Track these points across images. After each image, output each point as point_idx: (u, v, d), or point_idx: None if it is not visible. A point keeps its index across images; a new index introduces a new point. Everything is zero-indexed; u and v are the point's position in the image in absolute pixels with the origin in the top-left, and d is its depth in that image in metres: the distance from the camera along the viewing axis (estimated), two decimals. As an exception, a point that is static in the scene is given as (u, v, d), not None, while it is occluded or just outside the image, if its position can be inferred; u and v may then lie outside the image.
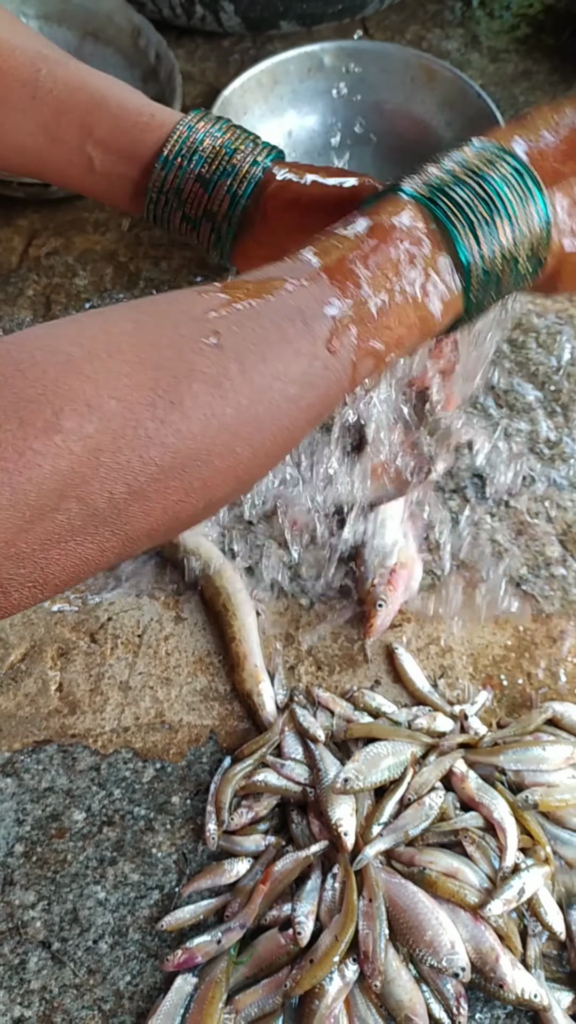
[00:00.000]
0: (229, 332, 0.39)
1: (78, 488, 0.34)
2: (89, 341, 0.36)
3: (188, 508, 0.38)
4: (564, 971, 0.61)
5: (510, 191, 0.44)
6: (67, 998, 0.59)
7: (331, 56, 0.98)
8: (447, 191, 0.44)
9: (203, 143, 0.55)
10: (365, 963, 0.58)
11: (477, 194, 0.44)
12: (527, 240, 0.45)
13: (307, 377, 0.41)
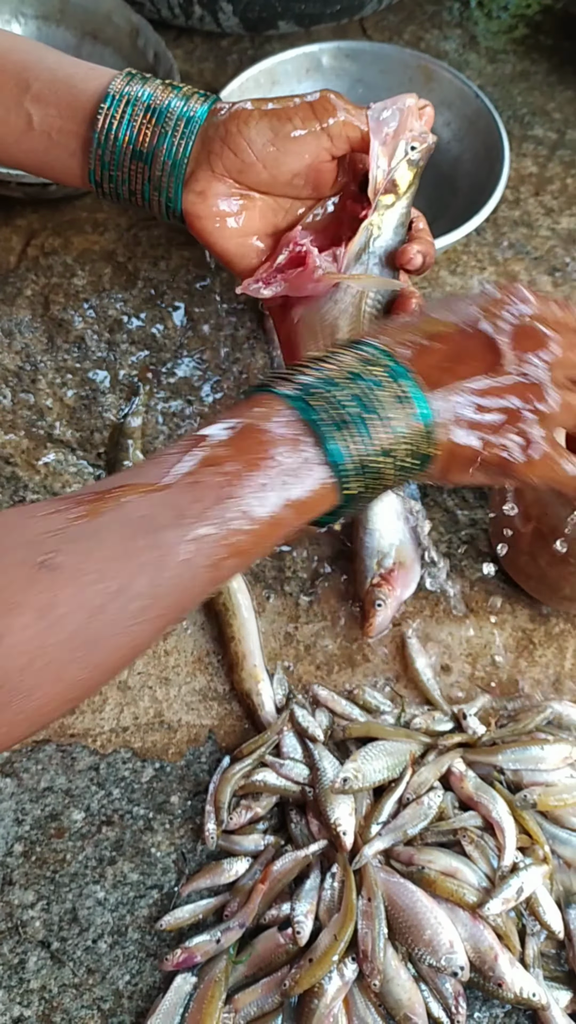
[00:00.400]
0: (65, 553, 0.37)
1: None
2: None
3: (9, 738, 0.37)
4: (562, 970, 0.62)
5: (385, 392, 0.43)
6: (66, 997, 0.59)
7: (329, 56, 0.98)
8: (320, 392, 0.43)
9: (146, 84, 0.55)
10: (364, 962, 0.58)
11: (352, 395, 0.43)
12: (405, 439, 0.44)
13: (153, 590, 0.38)
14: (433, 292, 0.92)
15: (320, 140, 0.54)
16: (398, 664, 0.72)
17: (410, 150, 0.55)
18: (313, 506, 0.43)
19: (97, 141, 0.55)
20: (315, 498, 0.42)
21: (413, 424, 0.44)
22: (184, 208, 0.56)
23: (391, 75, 0.98)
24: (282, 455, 0.41)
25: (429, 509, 0.80)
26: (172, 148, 0.54)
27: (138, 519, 0.39)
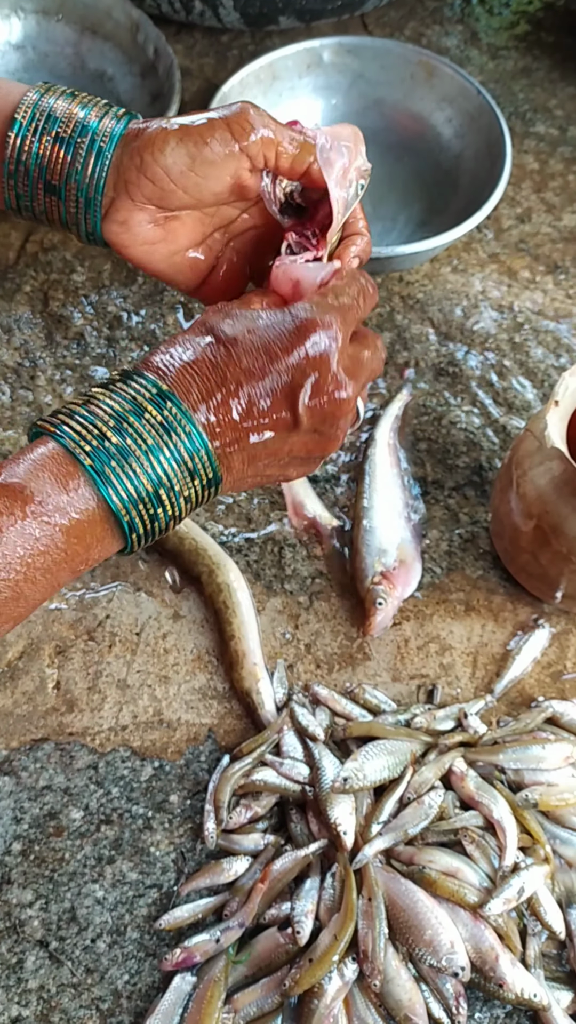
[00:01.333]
0: None
1: None
2: None
3: None
4: (563, 970, 0.61)
5: (150, 425, 0.44)
6: (65, 997, 0.58)
7: (330, 52, 0.97)
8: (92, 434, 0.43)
9: (55, 106, 0.52)
10: (364, 962, 0.58)
11: (119, 432, 0.43)
12: (183, 464, 0.44)
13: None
14: (435, 290, 0.92)
15: (239, 161, 0.51)
16: (398, 663, 0.72)
17: (360, 189, 0.53)
18: (91, 548, 0.44)
19: (7, 173, 0.53)
20: (89, 544, 0.43)
21: (190, 449, 0.45)
22: (108, 239, 0.54)
23: (392, 71, 0.98)
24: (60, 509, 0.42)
25: (429, 507, 0.79)
26: (84, 184, 0.52)
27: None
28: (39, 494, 0.42)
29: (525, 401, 0.86)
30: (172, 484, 0.44)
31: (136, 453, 0.43)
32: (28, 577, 0.42)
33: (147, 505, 0.44)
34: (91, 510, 0.43)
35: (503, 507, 0.73)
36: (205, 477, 0.46)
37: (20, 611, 0.43)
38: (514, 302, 0.92)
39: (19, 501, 0.41)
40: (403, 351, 0.87)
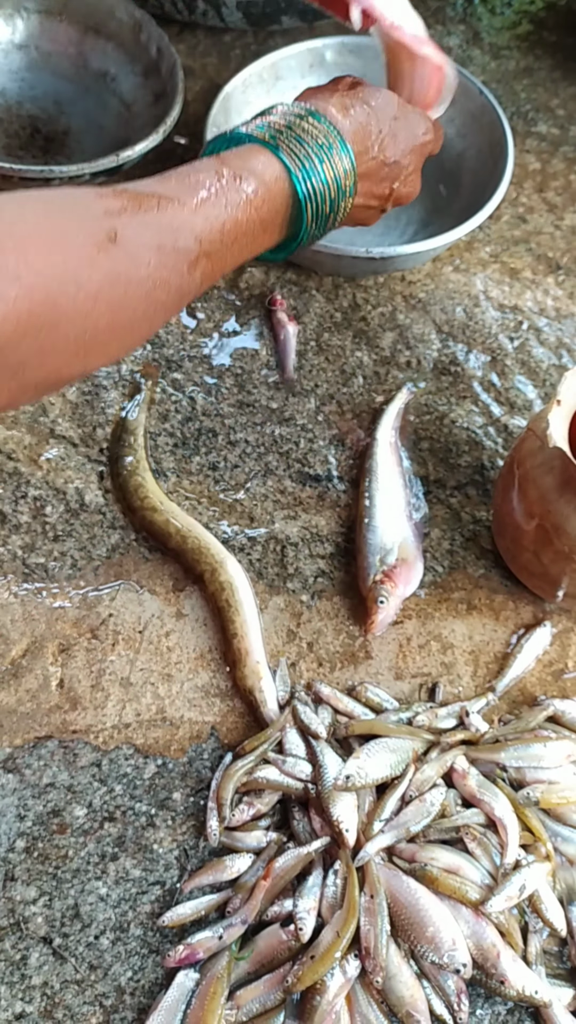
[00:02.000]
0: (123, 233, 0.48)
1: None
2: (8, 226, 0.44)
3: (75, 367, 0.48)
4: (565, 967, 0.62)
5: (326, 141, 0.59)
6: (68, 994, 0.59)
7: (333, 52, 0.98)
8: (284, 140, 0.58)
9: None
10: (366, 959, 0.58)
11: (304, 142, 0.58)
12: (341, 175, 0.60)
13: (174, 285, 0.51)
14: (437, 290, 0.92)
15: None
16: (400, 661, 0.72)
17: None
18: (280, 227, 0.58)
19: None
20: (280, 222, 0.58)
21: (346, 166, 0.60)
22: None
23: (395, 71, 0.98)
24: (261, 191, 0.56)
25: (431, 506, 0.79)
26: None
27: (166, 226, 0.51)
28: (241, 166, 0.56)
29: (527, 400, 0.86)
30: (335, 180, 0.60)
31: (319, 157, 0.59)
32: (230, 237, 0.54)
33: (320, 194, 0.59)
34: (281, 186, 0.57)
35: (505, 506, 0.73)
36: (346, 200, 0.61)
37: (218, 267, 0.55)
38: (516, 302, 0.92)
39: (226, 167, 0.55)
40: (405, 350, 0.88)
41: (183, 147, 0.99)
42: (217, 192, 0.53)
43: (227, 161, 0.55)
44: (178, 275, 0.51)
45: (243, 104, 0.94)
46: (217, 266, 0.54)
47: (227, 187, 0.54)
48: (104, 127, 0.97)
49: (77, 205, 0.49)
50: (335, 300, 0.90)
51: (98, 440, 0.80)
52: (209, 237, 0.52)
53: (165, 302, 0.51)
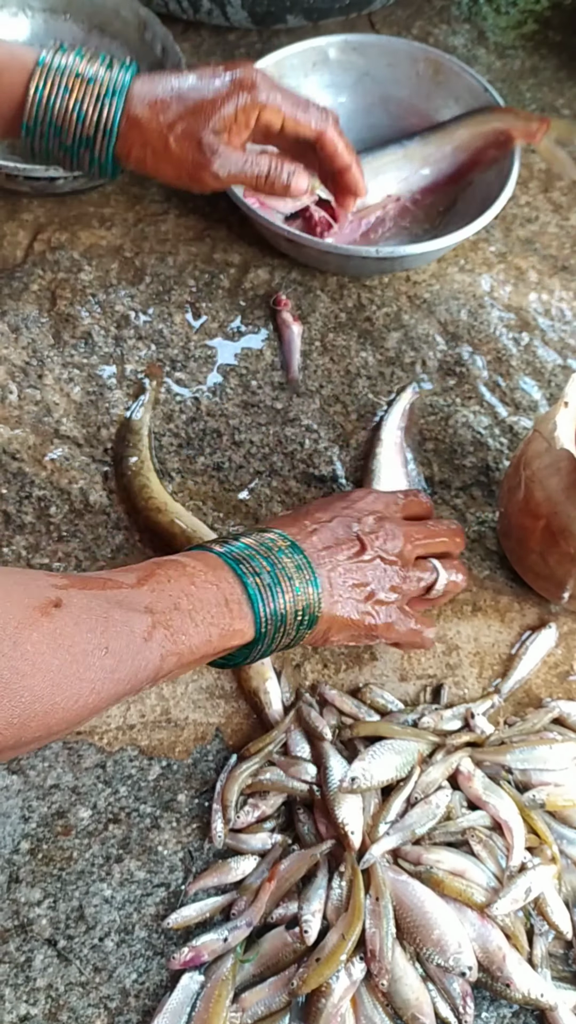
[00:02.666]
0: (69, 600, 0.46)
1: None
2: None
3: None
4: (570, 970, 0.62)
5: (292, 566, 0.57)
6: (73, 996, 0.59)
7: (336, 50, 0.97)
8: (248, 560, 0.56)
9: (56, 108, 0.59)
10: (372, 962, 0.58)
11: (268, 561, 0.56)
12: (303, 602, 0.57)
13: (124, 652, 0.48)
14: (442, 290, 0.92)
15: None
16: (405, 663, 0.72)
17: None
18: (231, 637, 0.54)
19: (26, 129, 0.61)
20: (234, 634, 0.54)
21: (308, 588, 0.57)
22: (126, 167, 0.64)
23: (399, 68, 0.98)
24: (219, 591, 0.54)
25: (438, 507, 0.79)
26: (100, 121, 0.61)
27: (117, 599, 0.49)
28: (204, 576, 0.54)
29: (532, 401, 0.86)
30: (293, 606, 0.56)
31: (279, 578, 0.56)
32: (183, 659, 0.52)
33: (276, 622, 0.56)
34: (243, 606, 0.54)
35: (511, 507, 0.73)
36: (313, 610, 0.58)
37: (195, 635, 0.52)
38: (521, 302, 0.92)
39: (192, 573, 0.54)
40: (410, 351, 0.87)
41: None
42: (170, 579, 0.52)
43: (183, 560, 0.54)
44: (130, 643, 0.48)
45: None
46: (179, 639, 0.51)
47: (180, 575, 0.53)
48: (108, 126, 0.97)
49: (24, 576, 0.48)
50: (340, 300, 0.90)
51: (102, 440, 0.80)
52: (161, 607, 0.50)
53: (116, 672, 0.47)
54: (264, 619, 0.54)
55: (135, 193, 0.94)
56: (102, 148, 0.58)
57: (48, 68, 0.58)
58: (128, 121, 0.58)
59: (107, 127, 0.58)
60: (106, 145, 0.58)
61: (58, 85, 0.58)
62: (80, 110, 0.58)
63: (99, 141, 0.58)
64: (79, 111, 0.58)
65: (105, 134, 0.58)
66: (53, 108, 0.58)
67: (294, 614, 0.56)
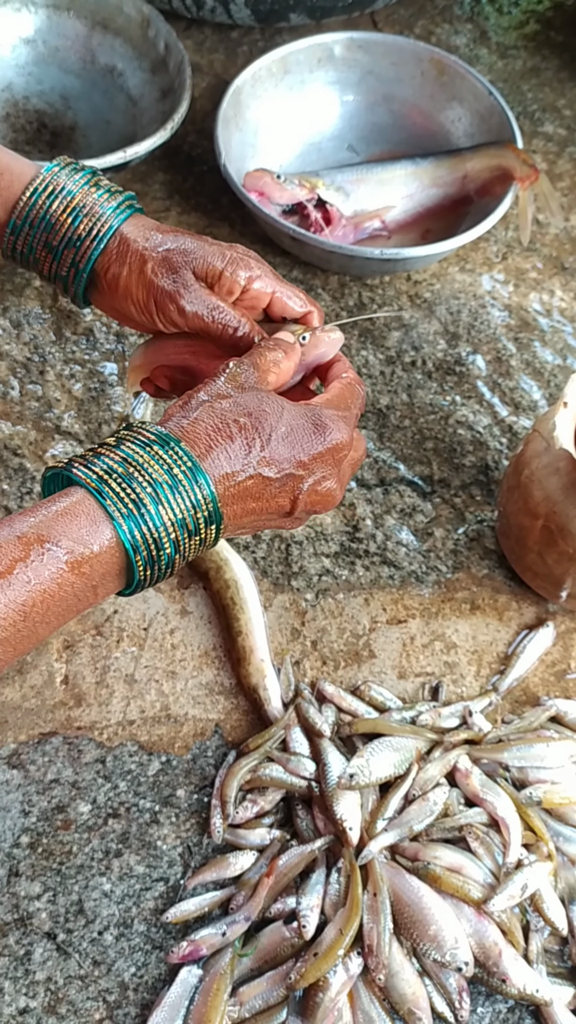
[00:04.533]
0: None
1: None
2: None
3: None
4: (565, 966, 0.62)
5: (169, 475, 0.46)
6: (72, 989, 0.59)
7: (341, 47, 0.97)
8: (110, 482, 0.45)
9: (51, 208, 0.56)
10: (369, 957, 0.59)
11: (135, 481, 0.46)
12: (188, 510, 0.47)
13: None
14: (443, 289, 0.92)
15: None
16: (404, 660, 0.72)
17: None
18: (103, 580, 0.46)
19: (4, 253, 0.58)
20: (101, 576, 0.45)
21: (202, 495, 0.47)
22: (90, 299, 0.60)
23: (403, 67, 0.98)
24: (79, 544, 0.44)
25: (436, 506, 0.80)
26: (80, 256, 0.57)
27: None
28: (56, 535, 0.44)
29: (531, 401, 0.86)
30: (178, 526, 0.47)
31: (153, 497, 0.46)
32: (39, 613, 0.44)
33: (156, 544, 0.46)
34: (104, 547, 0.45)
35: (510, 507, 0.73)
36: (207, 530, 0.48)
37: (25, 647, 0.45)
38: (521, 302, 0.92)
39: (35, 543, 0.44)
40: (410, 350, 0.88)
41: (190, 144, 0.99)
42: (17, 570, 0.43)
43: (37, 526, 0.44)
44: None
45: (252, 98, 0.94)
46: (17, 647, 0.44)
47: (32, 562, 0.43)
48: (111, 122, 0.97)
49: None
50: (341, 299, 0.90)
51: (103, 437, 0.80)
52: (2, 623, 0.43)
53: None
54: (139, 548, 0.46)
55: (137, 190, 0.94)
56: (87, 252, 0.56)
57: (53, 175, 0.57)
58: (119, 237, 0.56)
59: (98, 234, 0.56)
60: (91, 250, 0.56)
61: (59, 190, 0.56)
62: (77, 215, 0.56)
63: (86, 244, 0.56)
64: (76, 215, 0.56)
65: (94, 239, 0.56)
66: (50, 207, 0.56)
67: (182, 527, 0.47)
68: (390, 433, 0.83)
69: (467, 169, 0.91)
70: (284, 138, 0.98)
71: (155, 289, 0.56)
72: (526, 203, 0.89)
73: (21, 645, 0.44)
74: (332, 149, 1.00)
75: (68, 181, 0.57)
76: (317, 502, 0.53)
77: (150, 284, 0.56)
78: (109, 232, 0.56)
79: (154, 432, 0.48)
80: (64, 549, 0.44)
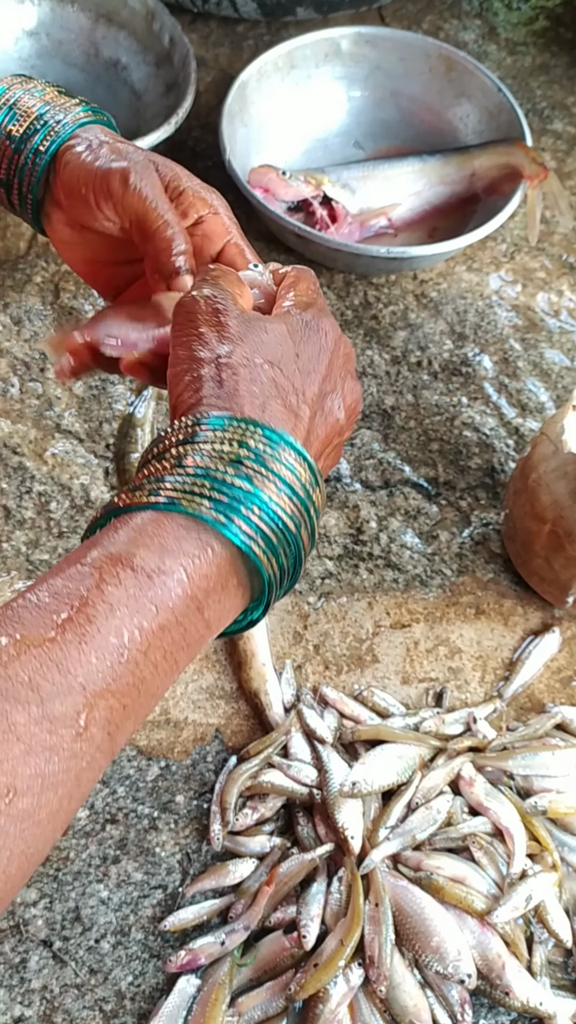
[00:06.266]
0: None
1: None
2: None
3: None
4: (569, 978, 0.61)
5: (270, 459, 0.38)
6: (68, 998, 0.58)
7: (349, 42, 0.96)
8: (203, 490, 0.37)
9: (19, 100, 0.51)
10: (370, 968, 0.58)
11: (239, 475, 0.37)
12: (304, 484, 0.39)
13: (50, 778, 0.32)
14: (449, 289, 0.91)
15: None
16: (407, 665, 0.71)
17: None
18: (228, 613, 0.38)
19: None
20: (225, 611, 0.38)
21: (304, 469, 0.40)
22: (42, 226, 0.54)
23: (411, 63, 0.97)
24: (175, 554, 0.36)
25: (441, 508, 0.79)
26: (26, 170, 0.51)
27: (23, 684, 0.32)
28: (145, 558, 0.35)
29: (539, 403, 0.85)
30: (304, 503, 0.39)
31: (246, 488, 0.37)
32: (148, 657, 0.35)
33: (274, 532, 0.38)
34: (212, 554, 0.36)
35: (516, 510, 0.72)
36: (312, 485, 0.40)
37: (146, 705, 0.36)
38: (529, 302, 0.91)
39: (127, 567, 0.35)
40: (416, 350, 0.87)
41: (195, 139, 0.98)
42: (120, 613, 0.34)
43: (123, 558, 0.35)
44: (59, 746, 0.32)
45: (257, 94, 0.93)
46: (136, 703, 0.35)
47: (133, 596, 0.34)
48: (114, 117, 0.94)
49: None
50: (346, 298, 0.89)
51: (104, 436, 0.79)
52: (97, 681, 0.33)
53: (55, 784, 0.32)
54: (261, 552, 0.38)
55: (141, 185, 0.93)
56: (40, 149, 0.50)
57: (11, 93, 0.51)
58: (76, 136, 0.51)
59: (53, 133, 0.50)
60: (48, 143, 0.50)
61: (11, 101, 0.51)
62: (35, 122, 0.51)
63: (39, 142, 0.50)
64: (33, 122, 0.51)
65: (49, 136, 0.50)
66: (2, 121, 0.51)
67: (303, 509, 0.39)
68: (395, 434, 0.82)
69: (475, 167, 0.89)
70: (290, 134, 0.96)
71: (104, 171, 0.48)
72: (535, 202, 0.88)
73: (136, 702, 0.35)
74: (338, 145, 0.99)
75: (25, 95, 0.52)
76: (352, 406, 0.45)
77: (101, 167, 0.49)
78: (66, 134, 0.51)
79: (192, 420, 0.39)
80: (174, 576, 0.35)
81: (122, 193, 0.48)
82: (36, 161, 0.51)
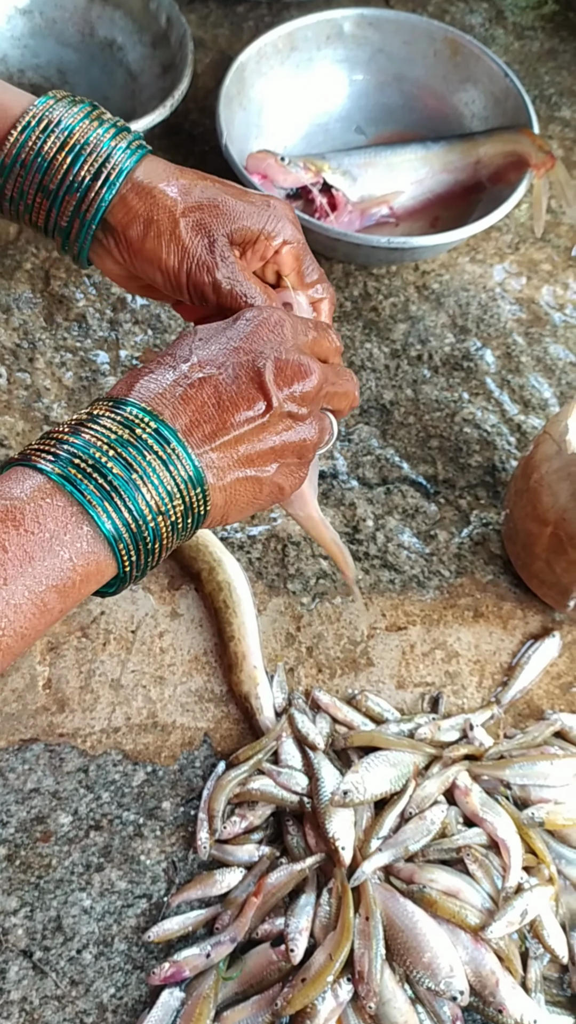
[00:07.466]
0: None
1: None
2: None
3: None
4: (565, 994, 0.59)
5: (151, 454, 0.41)
6: (48, 1010, 0.56)
7: (351, 24, 0.93)
8: (84, 467, 0.40)
9: (45, 146, 0.49)
10: (360, 983, 0.56)
11: (116, 462, 0.40)
12: (179, 498, 0.42)
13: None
14: (452, 281, 0.88)
15: None
16: (403, 669, 0.69)
17: None
18: (84, 586, 0.41)
19: (2, 167, 0.49)
20: (87, 577, 0.40)
21: (185, 484, 0.42)
22: (91, 259, 0.53)
23: (415, 46, 0.94)
24: (46, 538, 0.39)
25: (440, 507, 0.76)
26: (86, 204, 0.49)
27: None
28: (33, 522, 0.39)
29: (542, 399, 0.83)
30: (166, 513, 0.42)
31: (137, 483, 0.40)
32: (30, 608, 0.39)
33: (141, 528, 0.41)
34: (85, 540, 0.40)
35: (517, 511, 0.70)
36: (197, 508, 0.43)
37: (16, 648, 0.40)
38: (533, 295, 0.89)
39: (11, 524, 0.38)
40: (417, 344, 0.84)
41: (191, 122, 0.95)
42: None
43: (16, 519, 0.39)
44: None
45: (257, 76, 0.90)
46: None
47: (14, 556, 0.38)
48: (109, 98, 0.93)
49: None
50: (346, 289, 0.86)
51: (94, 428, 0.77)
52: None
53: None
54: (124, 541, 0.41)
55: (135, 170, 0.90)
56: (93, 201, 0.47)
57: (48, 108, 0.48)
58: (132, 184, 0.48)
59: (107, 178, 0.47)
60: (99, 198, 0.47)
61: (55, 124, 0.48)
62: (78, 154, 0.47)
63: (91, 190, 0.47)
64: (75, 155, 0.47)
65: (102, 185, 0.47)
66: (43, 145, 0.48)
67: (167, 521, 0.42)
68: (393, 430, 0.80)
69: (480, 154, 0.87)
70: (289, 118, 0.94)
71: (190, 258, 0.48)
72: (541, 191, 0.86)
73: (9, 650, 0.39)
74: (339, 131, 0.96)
75: (65, 114, 0.49)
76: (293, 377, 0.45)
77: (184, 251, 0.48)
78: (120, 176, 0.48)
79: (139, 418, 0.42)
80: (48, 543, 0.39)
81: (214, 294, 0.50)
82: (88, 215, 0.49)
